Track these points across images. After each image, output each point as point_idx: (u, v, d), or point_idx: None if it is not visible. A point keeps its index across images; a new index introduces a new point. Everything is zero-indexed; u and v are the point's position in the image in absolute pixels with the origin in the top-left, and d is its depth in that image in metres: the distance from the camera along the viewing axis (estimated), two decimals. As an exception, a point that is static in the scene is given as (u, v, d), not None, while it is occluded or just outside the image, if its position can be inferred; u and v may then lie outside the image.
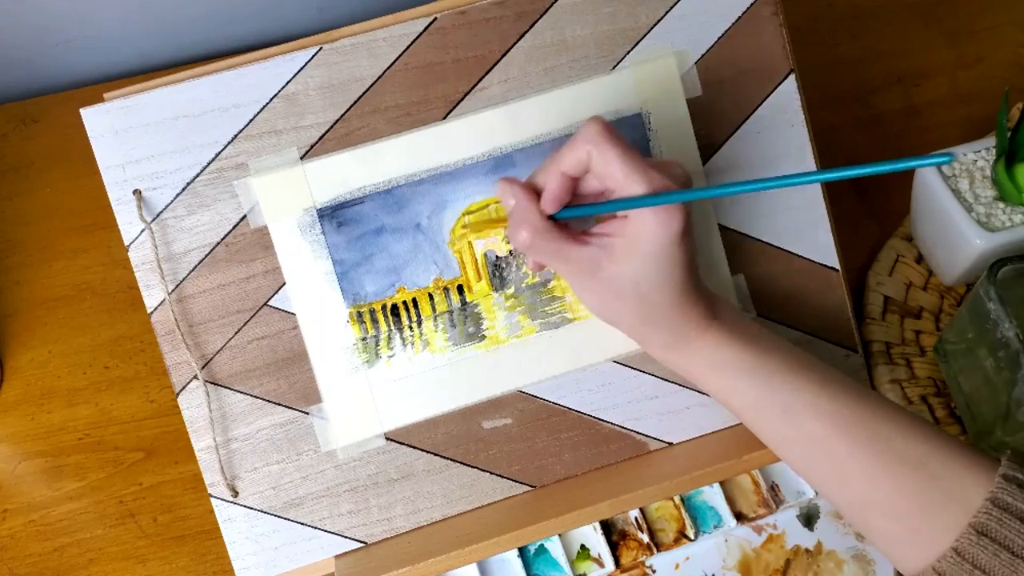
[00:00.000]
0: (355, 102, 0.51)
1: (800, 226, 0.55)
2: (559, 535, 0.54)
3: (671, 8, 0.53)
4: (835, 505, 0.47)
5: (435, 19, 0.52)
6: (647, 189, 0.42)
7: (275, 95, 0.51)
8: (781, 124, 0.54)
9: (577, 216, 0.46)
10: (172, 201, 0.51)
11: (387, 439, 0.53)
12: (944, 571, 0.41)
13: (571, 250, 0.45)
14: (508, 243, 0.53)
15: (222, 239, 0.51)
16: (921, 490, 0.42)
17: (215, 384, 0.52)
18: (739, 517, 0.54)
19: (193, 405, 0.52)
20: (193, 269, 0.51)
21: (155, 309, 0.51)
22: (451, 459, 0.53)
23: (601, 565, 0.53)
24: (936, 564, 0.42)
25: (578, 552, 0.54)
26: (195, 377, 0.51)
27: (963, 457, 0.43)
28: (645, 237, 0.43)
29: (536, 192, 0.45)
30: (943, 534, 0.42)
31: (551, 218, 0.45)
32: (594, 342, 0.53)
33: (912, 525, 0.43)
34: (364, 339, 0.52)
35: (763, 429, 0.47)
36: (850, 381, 0.47)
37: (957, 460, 0.43)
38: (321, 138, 0.51)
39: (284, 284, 0.52)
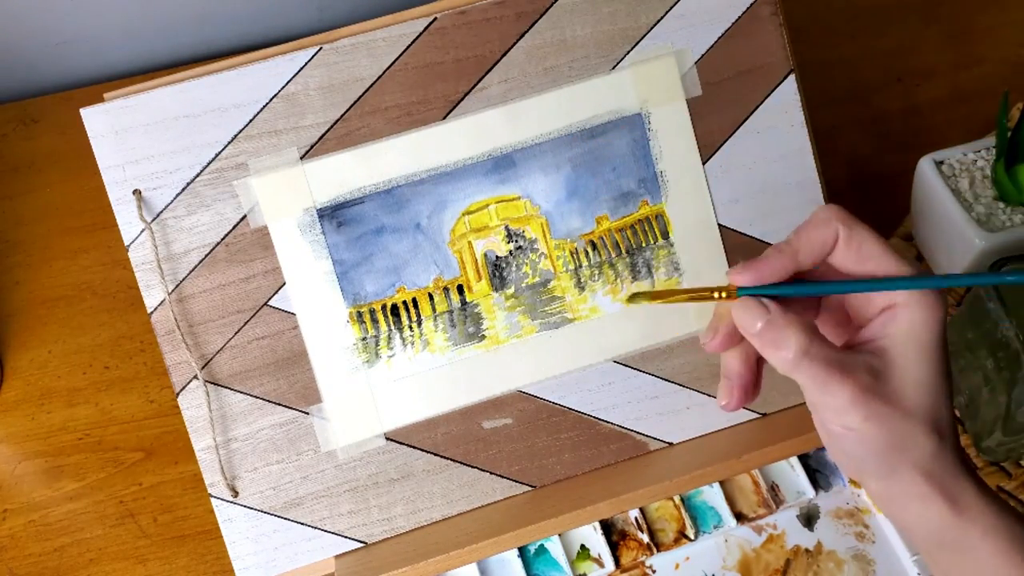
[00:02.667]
0: (355, 102, 0.51)
1: (800, 226, 0.55)
2: (559, 535, 0.54)
3: (671, 8, 0.53)
4: None
5: (435, 19, 0.52)
6: (911, 271, 0.36)
7: (275, 95, 0.51)
8: (781, 124, 0.54)
9: (809, 294, 0.39)
10: (172, 201, 0.51)
11: (387, 439, 0.53)
12: None
13: (847, 361, 0.35)
14: (508, 243, 0.53)
15: (222, 239, 0.51)
16: None
17: (215, 384, 0.52)
18: (739, 517, 0.54)
19: (193, 405, 0.52)
20: (193, 269, 0.51)
21: (155, 309, 0.51)
22: (451, 459, 0.53)
23: (601, 565, 0.53)
24: None
25: (578, 552, 0.54)
26: (195, 377, 0.51)
27: None
28: (923, 328, 0.36)
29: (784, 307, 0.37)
30: None
31: (749, 292, 0.37)
32: (594, 342, 0.53)
33: None
34: (364, 339, 0.52)
35: None
36: None
37: None
38: (321, 138, 0.51)
39: (284, 284, 0.52)
